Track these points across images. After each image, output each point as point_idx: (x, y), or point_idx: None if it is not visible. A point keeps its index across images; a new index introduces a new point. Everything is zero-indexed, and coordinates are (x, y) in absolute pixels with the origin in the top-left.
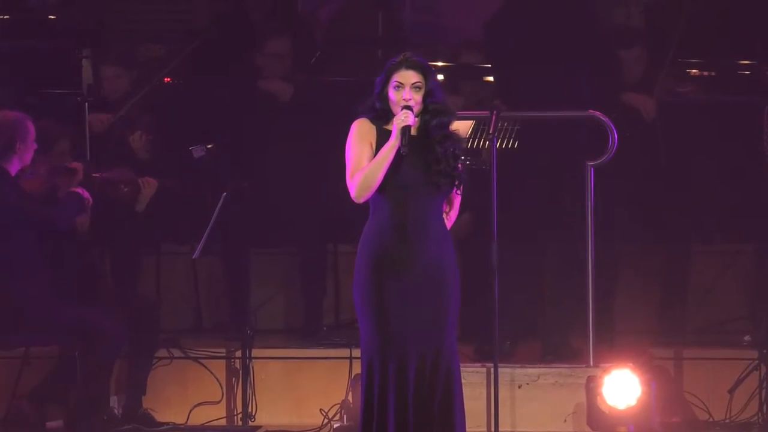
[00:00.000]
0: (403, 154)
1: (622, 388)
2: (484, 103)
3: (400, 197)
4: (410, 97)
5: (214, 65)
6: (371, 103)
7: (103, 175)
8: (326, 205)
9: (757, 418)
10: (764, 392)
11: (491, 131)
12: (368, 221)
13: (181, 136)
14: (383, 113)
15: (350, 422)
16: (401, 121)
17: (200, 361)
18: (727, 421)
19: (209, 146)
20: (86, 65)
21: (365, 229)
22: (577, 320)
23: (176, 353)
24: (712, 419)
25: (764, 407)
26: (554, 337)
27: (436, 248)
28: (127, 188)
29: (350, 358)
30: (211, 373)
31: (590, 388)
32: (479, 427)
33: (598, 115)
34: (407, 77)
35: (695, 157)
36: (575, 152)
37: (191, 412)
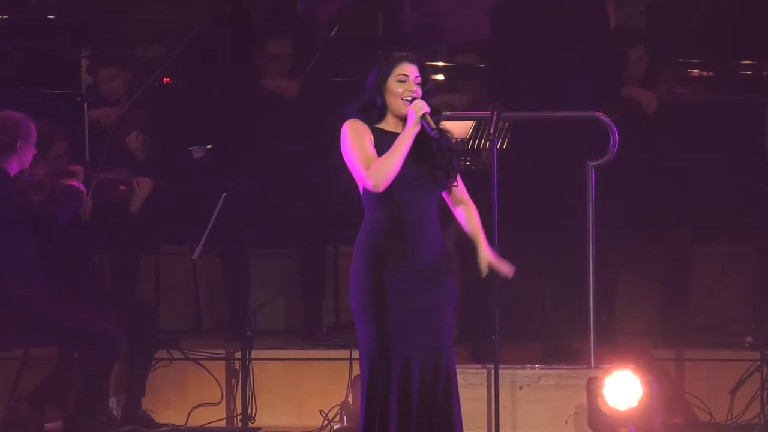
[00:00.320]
0: (436, 137)
1: (623, 389)
2: (483, 103)
3: (398, 195)
4: (415, 89)
5: (213, 65)
6: (369, 99)
7: (100, 175)
8: (326, 205)
9: (758, 419)
10: (766, 393)
11: (492, 131)
12: (365, 221)
13: (179, 136)
14: (378, 111)
15: (350, 423)
16: (419, 108)
17: (200, 362)
18: (728, 422)
19: (209, 147)
20: (85, 65)
21: (362, 228)
22: (578, 321)
23: (176, 354)
24: (713, 420)
25: (766, 408)
26: (555, 338)
27: (433, 247)
28: (124, 188)
29: (350, 359)
30: (210, 374)
31: (591, 389)
32: (480, 428)
33: (598, 115)
34: (411, 71)
35: (697, 157)
36: (574, 152)
37: (191, 413)
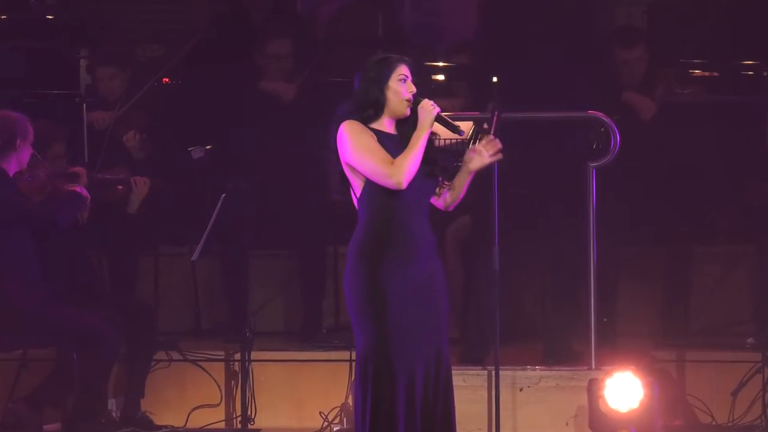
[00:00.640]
0: (462, 135)
1: (624, 390)
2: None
3: (399, 196)
4: (414, 90)
5: (213, 66)
6: (369, 99)
7: (98, 175)
8: (326, 206)
9: (760, 421)
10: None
11: (492, 132)
12: (363, 224)
13: (178, 136)
14: (376, 111)
15: (350, 425)
16: (431, 109)
17: (199, 363)
18: (730, 424)
19: (208, 147)
20: (84, 65)
21: (361, 231)
22: (578, 322)
23: (175, 356)
24: (714, 422)
25: (767, 410)
26: (556, 339)
27: (430, 249)
28: (122, 188)
29: (350, 360)
30: (210, 375)
31: (592, 390)
32: (480, 430)
33: (599, 115)
34: (408, 72)
35: (697, 157)
36: (574, 152)
37: (190, 414)
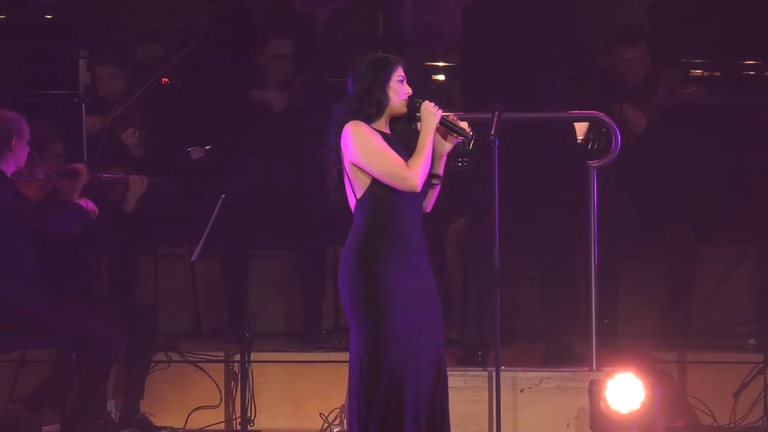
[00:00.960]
0: (471, 138)
1: (625, 392)
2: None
3: (399, 197)
4: (411, 91)
5: (213, 66)
6: (372, 99)
7: (96, 174)
8: (326, 206)
9: (762, 422)
10: None
11: (493, 132)
12: (362, 225)
13: (178, 136)
14: (377, 111)
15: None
16: (434, 111)
17: (198, 364)
18: (731, 425)
19: (207, 147)
20: (83, 65)
21: (361, 233)
22: (579, 323)
23: (174, 357)
24: (716, 423)
25: None
26: (557, 340)
27: (424, 249)
28: (119, 186)
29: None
30: (209, 376)
31: (593, 392)
32: (481, 431)
33: (600, 115)
34: (404, 73)
35: (699, 157)
36: (573, 152)
37: (189, 416)
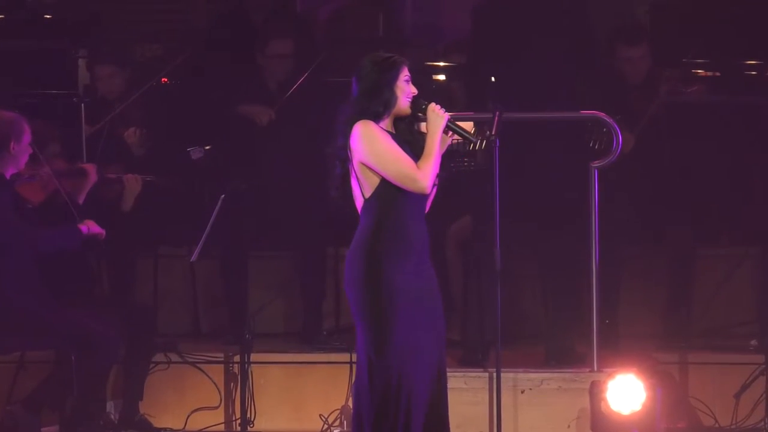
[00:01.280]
0: (476, 141)
1: (626, 393)
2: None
3: (408, 197)
4: (416, 91)
5: (213, 66)
6: (381, 99)
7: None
8: (326, 207)
9: (763, 423)
10: None
11: (494, 132)
12: (371, 226)
13: (177, 135)
14: (384, 111)
15: (350, 428)
16: (441, 114)
17: (198, 365)
18: (733, 426)
19: (207, 147)
20: (83, 65)
21: (369, 233)
22: (580, 324)
23: (174, 358)
24: (717, 425)
25: None
26: (557, 341)
27: (427, 252)
28: (117, 186)
29: (350, 362)
30: (209, 378)
31: (594, 393)
32: None
33: (602, 116)
34: (408, 73)
35: (701, 157)
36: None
37: (189, 417)
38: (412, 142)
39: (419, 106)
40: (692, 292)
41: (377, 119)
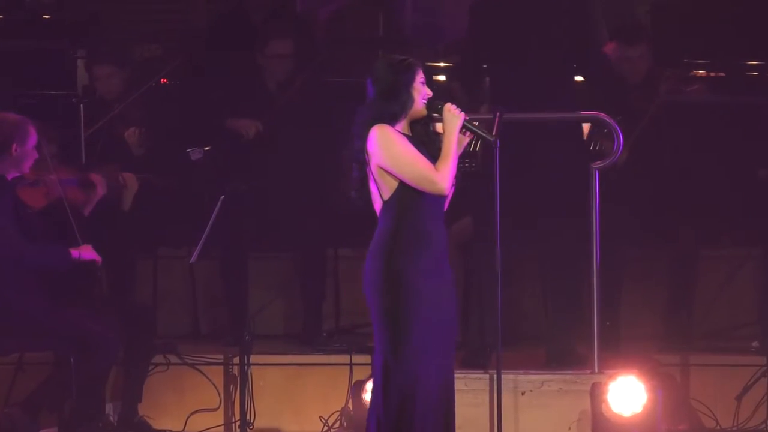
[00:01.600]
0: (494, 141)
1: (627, 395)
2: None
3: (427, 199)
4: (431, 93)
5: (213, 66)
6: (399, 101)
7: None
8: (326, 208)
9: (765, 425)
10: None
11: (494, 133)
12: (391, 227)
13: (177, 136)
14: (401, 114)
15: (350, 430)
16: (457, 114)
17: (197, 367)
18: (734, 428)
19: (207, 148)
20: (82, 65)
21: (389, 235)
22: (581, 326)
23: (173, 359)
24: (719, 427)
25: None
26: (558, 343)
27: (446, 254)
28: (114, 186)
29: (350, 364)
30: (208, 379)
31: (595, 395)
32: None
33: (603, 116)
34: (423, 75)
35: (702, 158)
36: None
37: (188, 419)
38: (428, 143)
39: (435, 107)
40: (694, 293)
41: (393, 122)
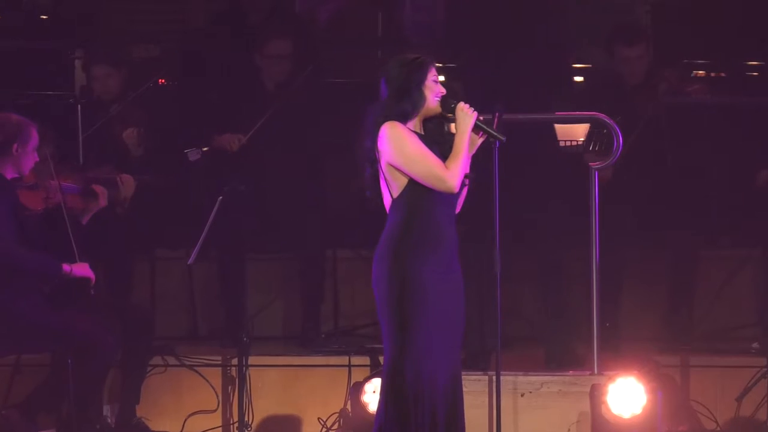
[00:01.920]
0: (503, 140)
1: (627, 396)
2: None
3: (438, 197)
4: (444, 91)
5: (211, 66)
6: (411, 100)
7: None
8: (325, 209)
9: (765, 426)
10: None
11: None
12: (402, 226)
13: (175, 136)
14: (413, 112)
15: (349, 431)
16: (470, 113)
17: (195, 368)
18: (734, 429)
19: (205, 149)
20: (79, 66)
21: (401, 234)
22: (581, 327)
23: (171, 361)
24: (719, 428)
25: None
26: (558, 344)
27: (456, 249)
28: (111, 187)
29: (349, 365)
30: (206, 381)
31: (594, 396)
32: None
33: (602, 117)
34: (436, 74)
35: (702, 159)
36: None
37: (186, 421)
38: (441, 143)
39: (448, 105)
40: (694, 294)
41: (405, 120)
